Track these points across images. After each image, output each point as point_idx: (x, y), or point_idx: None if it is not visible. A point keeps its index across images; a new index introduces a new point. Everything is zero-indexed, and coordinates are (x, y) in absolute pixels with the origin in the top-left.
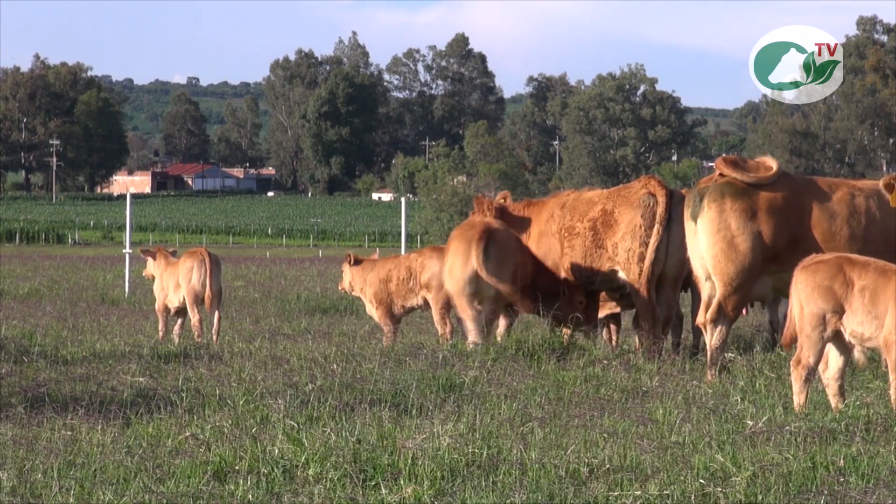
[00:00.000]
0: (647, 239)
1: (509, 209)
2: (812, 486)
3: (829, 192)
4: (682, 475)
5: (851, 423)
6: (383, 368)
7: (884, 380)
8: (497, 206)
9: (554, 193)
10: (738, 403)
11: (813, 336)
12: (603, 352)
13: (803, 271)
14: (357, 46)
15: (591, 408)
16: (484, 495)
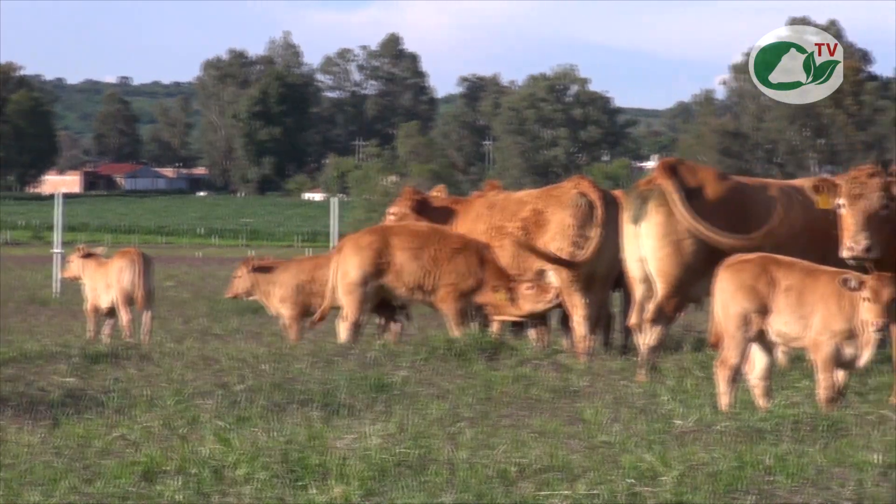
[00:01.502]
0: (577, 239)
1: (432, 202)
2: (740, 486)
3: (769, 193)
4: (611, 475)
5: (779, 423)
6: (313, 368)
7: (811, 379)
8: (419, 198)
9: (480, 192)
10: (666, 403)
11: (737, 336)
12: (533, 352)
13: (727, 271)
14: (289, 46)
15: (521, 408)
16: (413, 495)
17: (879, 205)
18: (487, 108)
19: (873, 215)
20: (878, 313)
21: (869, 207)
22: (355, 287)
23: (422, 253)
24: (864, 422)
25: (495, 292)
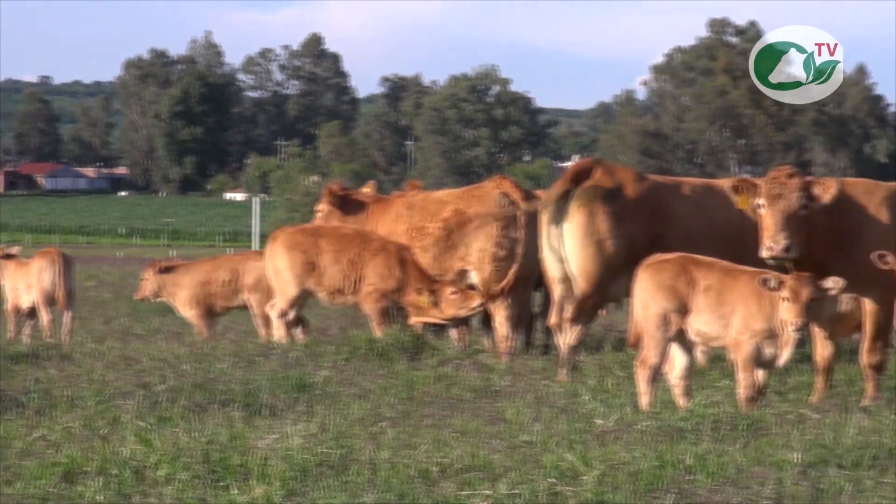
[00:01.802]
0: (500, 239)
1: (357, 199)
2: (660, 485)
3: (688, 193)
4: (532, 474)
5: (700, 422)
6: (235, 369)
7: (731, 379)
8: (343, 195)
9: (401, 193)
10: (587, 403)
11: (657, 336)
12: (454, 352)
13: (646, 270)
14: (211, 46)
15: (442, 407)
16: (334, 495)
17: (798, 205)
18: (409, 108)
19: (792, 216)
20: (797, 313)
21: (788, 208)
22: (285, 287)
23: (342, 256)
24: (784, 421)
25: (419, 295)
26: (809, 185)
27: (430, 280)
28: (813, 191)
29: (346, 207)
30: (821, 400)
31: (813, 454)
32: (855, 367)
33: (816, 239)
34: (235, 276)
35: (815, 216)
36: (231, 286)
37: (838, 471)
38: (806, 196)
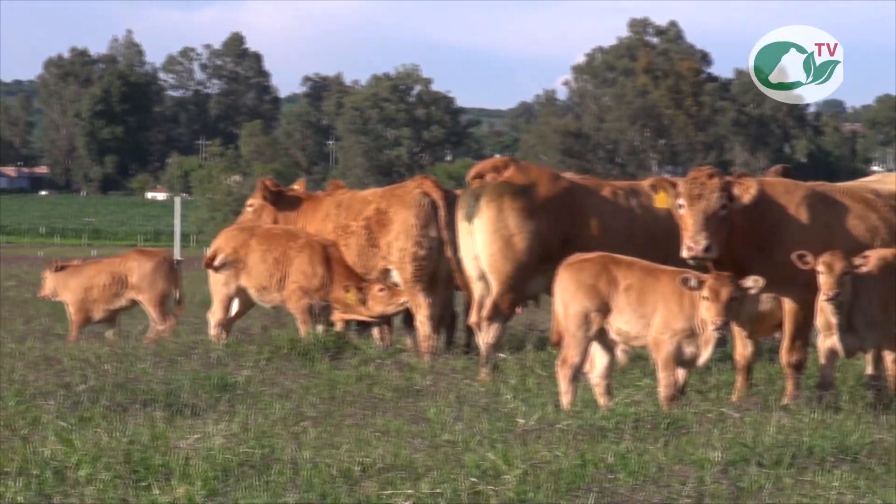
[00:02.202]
0: (420, 238)
1: (289, 195)
2: (582, 484)
3: (601, 192)
4: (454, 473)
5: (621, 421)
6: (156, 368)
7: (653, 378)
8: (276, 190)
9: (324, 192)
10: (509, 402)
11: (578, 335)
12: (376, 351)
13: (567, 270)
14: (132, 45)
15: (365, 407)
16: (256, 495)
17: (718, 205)
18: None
19: (712, 216)
20: (717, 312)
21: (708, 208)
22: (218, 287)
23: (268, 255)
24: (705, 419)
25: (346, 292)
26: (729, 186)
27: (357, 277)
28: (733, 191)
29: (279, 203)
30: (741, 399)
31: (733, 453)
32: (775, 365)
33: (737, 238)
34: (116, 279)
35: (735, 216)
36: (112, 290)
37: (758, 469)
38: (726, 196)
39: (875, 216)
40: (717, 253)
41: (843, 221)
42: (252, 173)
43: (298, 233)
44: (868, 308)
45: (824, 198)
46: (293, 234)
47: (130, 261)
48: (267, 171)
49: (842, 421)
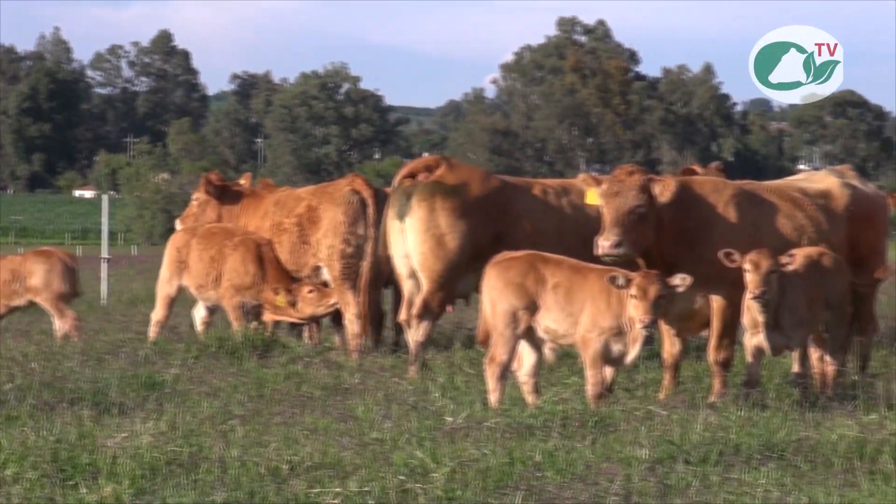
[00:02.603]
0: (348, 236)
1: (232, 190)
2: (510, 482)
3: (532, 191)
4: (382, 471)
5: (549, 419)
6: (83, 367)
7: (580, 376)
8: (220, 184)
9: (254, 190)
10: (437, 400)
11: (506, 333)
12: (304, 349)
13: (495, 268)
14: (60, 42)
15: (293, 405)
16: (184, 494)
17: (634, 203)
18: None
19: (626, 213)
20: (645, 310)
21: (623, 205)
22: (162, 285)
23: (205, 253)
24: (632, 417)
25: (276, 294)
26: (648, 184)
27: (287, 278)
28: (652, 189)
29: (222, 198)
30: (669, 396)
31: (661, 450)
32: (702, 363)
33: (666, 236)
34: (16, 277)
35: (658, 214)
36: (10, 287)
37: (686, 467)
38: (644, 195)
39: (802, 215)
40: (628, 250)
41: (771, 220)
42: (180, 171)
43: (235, 231)
44: (794, 306)
45: (752, 196)
46: (230, 232)
47: (29, 261)
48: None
49: (768, 418)
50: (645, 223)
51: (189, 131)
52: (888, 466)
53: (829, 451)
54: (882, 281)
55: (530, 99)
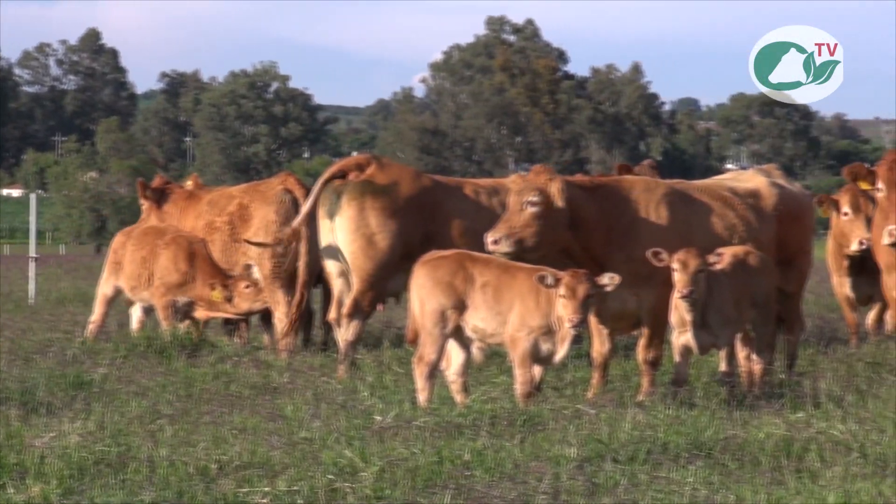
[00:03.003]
0: (280, 235)
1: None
2: (439, 480)
3: (463, 191)
4: (311, 471)
5: (477, 418)
6: (11, 366)
7: (509, 375)
8: (155, 187)
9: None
10: (366, 399)
11: (434, 332)
12: (233, 348)
13: (423, 267)
14: None
15: (222, 404)
16: (112, 493)
17: (525, 201)
18: (188, 104)
19: (516, 212)
20: (574, 310)
21: (514, 204)
22: (100, 286)
23: (138, 254)
24: (561, 416)
25: (212, 290)
26: (546, 185)
27: (222, 275)
28: (547, 191)
29: (161, 202)
30: (597, 395)
31: (589, 449)
32: (631, 362)
33: (595, 236)
34: None
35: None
36: None
37: (614, 465)
38: (540, 195)
39: (733, 214)
40: (513, 248)
41: (703, 219)
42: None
43: (167, 230)
44: (722, 305)
45: (683, 196)
46: (162, 231)
47: None
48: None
49: (696, 417)
50: (542, 223)
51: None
52: (815, 465)
53: (756, 450)
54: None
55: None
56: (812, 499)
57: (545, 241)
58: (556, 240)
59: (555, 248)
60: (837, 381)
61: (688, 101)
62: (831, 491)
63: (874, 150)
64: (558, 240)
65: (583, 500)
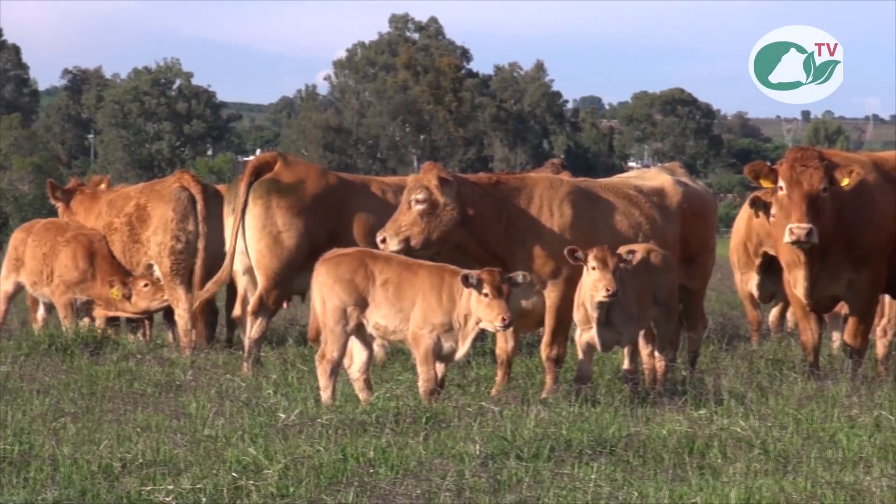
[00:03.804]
0: (177, 233)
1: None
2: (343, 478)
3: (376, 191)
4: (215, 468)
5: (381, 415)
6: None
7: (413, 372)
8: (71, 188)
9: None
10: (271, 396)
11: (336, 330)
12: (136, 346)
13: (324, 265)
14: None
15: (125, 402)
16: (15, 492)
17: (410, 199)
18: (90, 100)
19: (405, 210)
20: (504, 308)
21: (402, 202)
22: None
23: (38, 250)
24: (465, 414)
25: (111, 288)
26: (429, 184)
27: (122, 272)
28: (430, 188)
29: (70, 202)
30: (501, 393)
31: (492, 446)
32: (534, 360)
33: (497, 233)
34: None
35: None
36: None
37: (517, 462)
38: (423, 193)
39: (638, 212)
40: (400, 245)
41: (607, 217)
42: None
43: (69, 227)
44: (625, 302)
45: (588, 193)
46: (63, 228)
47: None
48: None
49: (599, 414)
50: (428, 220)
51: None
52: (717, 461)
53: (659, 447)
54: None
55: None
56: (714, 495)
57: (434, 239)
58: (446, 237)
59: (447, 245)
60: (739, 378)
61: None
62: (733, 487)
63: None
64: (450, 237)
65: (486, 497)
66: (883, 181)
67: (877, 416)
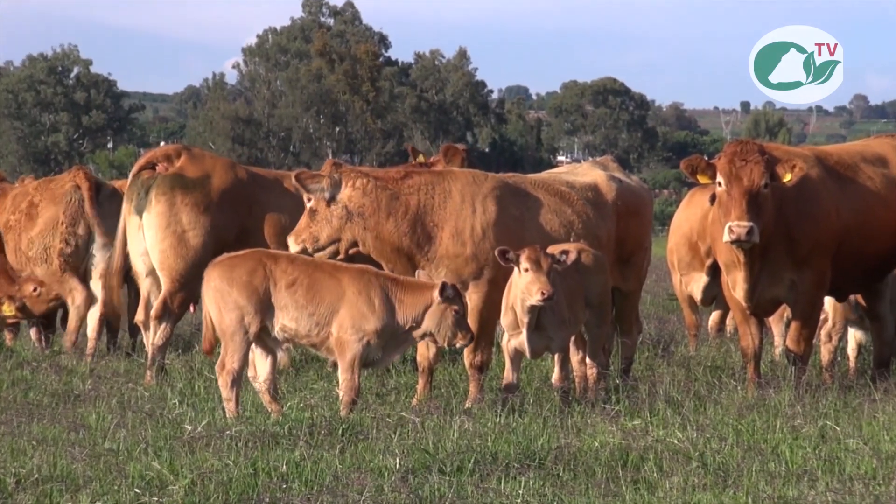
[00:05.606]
0: (67, 236)
1: None
2: (254, 494)
3: (281, 184)
4: (117, 484)
5: (294, 427)
6: None
7: (328, 381)
8: None
9: None
10: (176, 407)
11: (236, 338)
12: (32, 353)
13: (217, 269)
14: None
15: (20, 413)
16: None
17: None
18: None
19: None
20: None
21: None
22: None
23: None
24: (384, 424)
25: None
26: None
27: (10, 284)
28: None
29: None
30: (422, 402)
31: (413, 459)
32: (458, 367)
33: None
34: None
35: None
36: None
37: (440, 476)
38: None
39: (570, 210)
40: (308, 246)
41: (535, 215)
42: None
43: None
44: (557, 306)
45: (514, 190)
46: None
47: None
48: None
49: (527, 425)
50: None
51: None
52: (653, 475)
53: (591, 459)
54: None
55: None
56: None
57: (324, 238)
58: (336, 234)
59: (351, 244)
60: (676, 386)
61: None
62: (670, 502)
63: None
64: (341, 234)
65: None
66: (826, 176)
67: (822, 426)
